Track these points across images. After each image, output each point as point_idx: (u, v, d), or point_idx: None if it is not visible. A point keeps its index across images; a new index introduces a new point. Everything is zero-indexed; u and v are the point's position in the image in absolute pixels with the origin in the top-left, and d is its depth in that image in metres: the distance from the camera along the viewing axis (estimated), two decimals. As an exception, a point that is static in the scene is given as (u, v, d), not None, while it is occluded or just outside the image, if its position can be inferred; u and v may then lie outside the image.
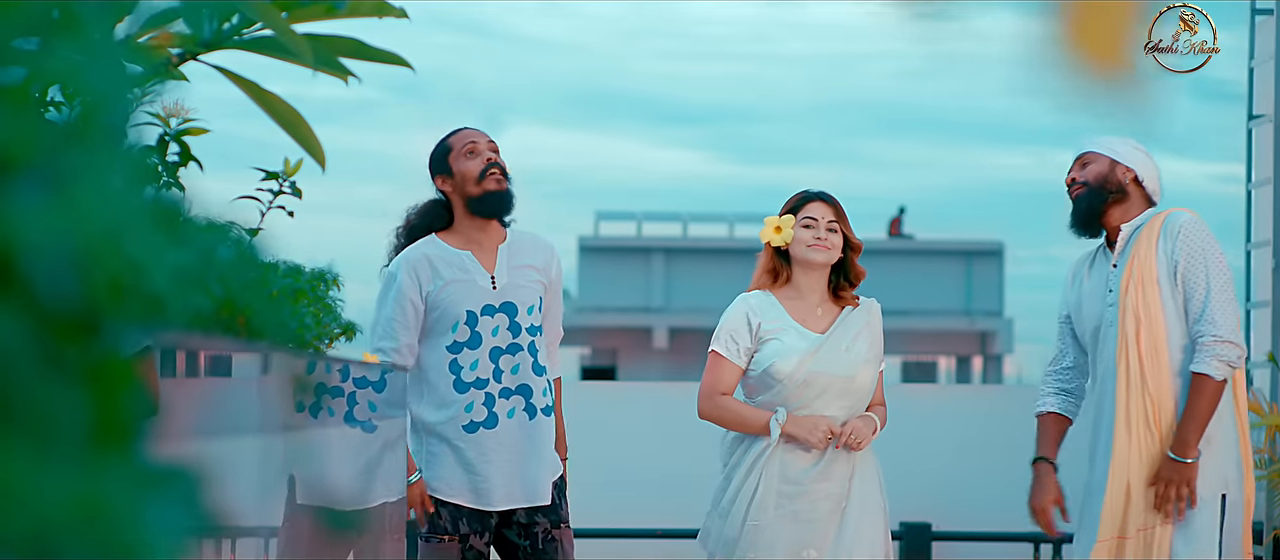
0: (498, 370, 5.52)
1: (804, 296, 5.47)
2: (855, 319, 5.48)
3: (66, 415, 0.97)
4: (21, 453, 0.95)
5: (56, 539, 0.94)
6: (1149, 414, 5.32)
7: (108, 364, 1.00)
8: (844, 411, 5.38)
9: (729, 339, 5.45)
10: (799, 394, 5.36)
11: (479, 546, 5.60)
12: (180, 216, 1.24)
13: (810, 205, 5.46)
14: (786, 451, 5.34)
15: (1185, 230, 5.33)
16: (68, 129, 1.09)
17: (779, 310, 5.45)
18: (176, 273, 1.11)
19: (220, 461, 2.56)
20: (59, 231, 1.00)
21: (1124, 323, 5.34)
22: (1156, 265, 5.35)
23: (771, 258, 5.50)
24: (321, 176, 2.38)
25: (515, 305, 5.55)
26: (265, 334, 2.95)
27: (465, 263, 5.57)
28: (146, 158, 2.76)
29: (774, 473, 5.33)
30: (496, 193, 5.56)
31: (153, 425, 1.04)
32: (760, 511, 5.32)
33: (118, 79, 1.17)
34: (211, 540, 2.52)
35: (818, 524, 5.32)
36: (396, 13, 2.29)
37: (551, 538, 5.61)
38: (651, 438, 10.02)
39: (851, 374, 5.39)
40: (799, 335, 5.40)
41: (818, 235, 5.42)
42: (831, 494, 5.33)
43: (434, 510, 5.57)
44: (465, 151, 5.57)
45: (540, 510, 5.61)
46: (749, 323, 5.44)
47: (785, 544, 5.31)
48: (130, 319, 1.02)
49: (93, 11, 1.20)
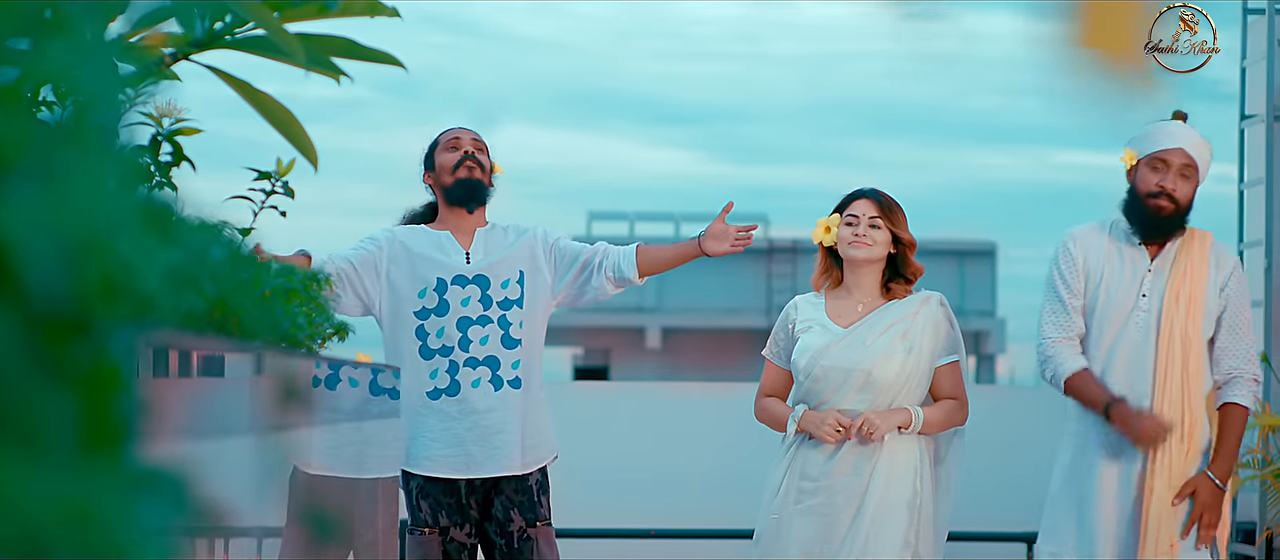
0: (465, 339, 5.60)
1: (851, 294, 5.49)
2: (894, 311, 5.47)
3: (56, 416, 0.97)
4: (11, 455, 0.94)
5: (46, 541, 0.94)
6: (1185, 430, 5.38)
7: (98, 365, 1.00)
8: (865, 405, 5.37)
9: (772, 341, 5.58)
10: (816, 389, 5.39)
11: (460, 538, 5.63)
12: (172, 216, 1.24)
13: (854, 203, 5.49)
14: (806, 447, 5.40)
15: (1236, 274, 5.49)
16: (60, 129, 1.09)
17: (818, 308, 5.49)
18: (169, 272, 1.10)
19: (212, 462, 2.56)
20: (50, 231, 0.99)
21: (1169, 340, 5.40)
22: (1207, 293, 5.45)
23: (825, 257, 5.55)
24: (313, 176, 2.38)
25: (488, 278, 5.65)
26: (257, 334, 2.94)
27: (442, 240, 5.71)
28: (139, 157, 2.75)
29: (796, 469, 5.40)
30: (466, 180, 5.70)
31: (144, 426, 1.04)
32: (783, 505, 5.40)
33: (110, 79, 1.17)
34: (204, 540, 2.51)
35: (833, 518, 5.34)
36: (389, 12, 2.29)
37: (526, 537, 5.63)
38: (644, 438, 10.02)
39: (867, 367, 5.37)
40: (822, 330, 5.43)
41: (857, 232, 5.43)
42: (848, 489, 5.33)
43: (415, 502, 5.64)
44: (448, 145, 5.75)
45: (517, 506, 5.63)
46: (788, 322, 5.53)
47: (800, 538, 5.36)
48: (122, 319, 1.02)
49: (85, 11, 1.20)
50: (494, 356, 5.60)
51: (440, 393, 5.59)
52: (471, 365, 5.59)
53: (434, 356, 5.60)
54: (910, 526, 5.36)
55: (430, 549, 5.62)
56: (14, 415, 0.96)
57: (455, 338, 5.59)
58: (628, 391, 12.64)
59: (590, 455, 9.44)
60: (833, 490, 5.34)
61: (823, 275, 5.54)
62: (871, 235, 5.43)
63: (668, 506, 9.47)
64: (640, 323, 41.47)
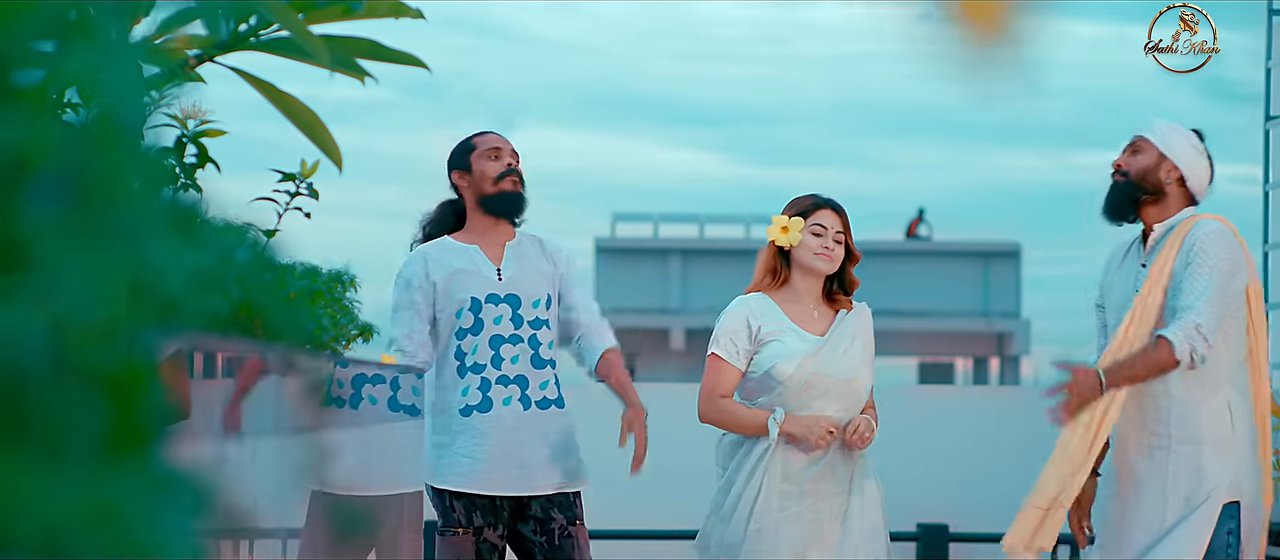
0: (497, 357, 5.63)
1: (801, 299, 5.49)
2: (850, 322, 5.50)
3: (82, 418, 0.97)
4: (37, 456, 0.95)
5: (71, 542, 0.94)
6: (1099, 408, 5.31)
7: (125, 367, 1.00)
8: (842, 413, 5.39)
9: (729, 341, 5.46)
10: (800, 396, 5.37)
11: (493, 539, 5.65)
12: (197, 218, 1.24)
13: (821, 212, 5.47)
14: (786, 452, 5.35)
15: (1201, 237, 5.28)
16: (85, 131, 1.09)
17: (778, 313, 5.46)
18: (194, 275, 1.11)
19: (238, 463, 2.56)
20: (77, 234, 1.00)
21: (1125, 322, 5.34)
22: (1172, 274, 5.32)
23: (774, 257, 5.51)
24: (337, 178, 2.38)
25: (519, 297, 5.66)
26: (282, 336, 2.95)
27: (473, 254, 5.69)
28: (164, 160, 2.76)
29: (776, 474, 5.35)
30: (512, 194, 5.71)
31: (176, 429, 1.04)
32: (763, 514, 5.34)
33: (135, 81, 1.17)
34: (229, 541, 2.52)
35: (820, 524, 5.34)
36: (413, 14, 2.29)
37: (568, 534, 5.67)
38: (669, 439, 10.01)
39: (851, 376, 5.41)
40: (799, 338, 5.42)
41: (825, 244, 5.44)
42: (833, 493, 5.35)
43: (449, 504, 5.63)
44: (489, 153, 5.72)
45: (556, 505, 5.66)
46: (749, 325, 5.45)
47: (789, 545, 5.33)
48: (148, 322, 1.02)
49: (110, 14, 1.20)
50: (523, 376, 5.65)
51: (472, 409, 5.61)
52: (503, 383, 5.63)
53: (468, 374, 5.62)
54: (887, 527, 5.43)
55: (464, 550, 5.62)
56: (40, 417, 0.96)
57: (488, 356, 5.63)
58: (652, 392, 12.62)
59: (615, 457, 9.43)
60: (818, 494, 5.34)
61: (768, 274, 5.51)
62: (836, 250, 5.45)
63: (692, 507, 9.46)
64: (665, 324, 41.49)
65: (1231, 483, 5.28)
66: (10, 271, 0.98)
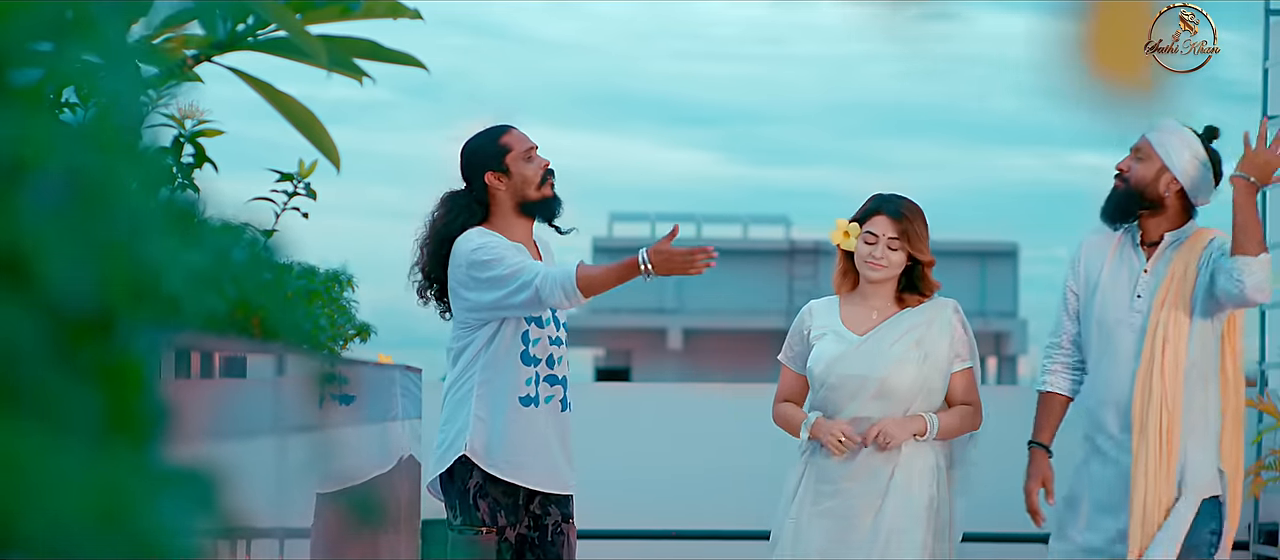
0: (552, 357, 5.67)
1: (866, 300, 5.48)
2: (909, 319, 5.45)
3: (81, 415, 0.97)
4: (37, 452, 0.95)
5: (73, 535, 0.94)
6: (1164, 429, 5.31)
7: (122, 366, 1.00)
8: (880, 412, 5.37)
9: (787, 346, 5.59)
10: (831, 397, 5.40)
11: (511, 538, 5.67)
12: (195, 218, 1.24)
13: (875, 219, 5.42)
14: (821, 453, 5.42)
15: (1222, 241, 5.32)
16: (83, 131, 1.09)
17: (832, 314, 5.48)
18: (192, 274, 1.11)
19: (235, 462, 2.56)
20: (74, 233, 1.00)
21: (1152, 340, 5.32)
22: (1194, 293, 5.31)
23: (844, 259, 5.51)
24: (335, 177, 2.38)
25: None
26: (280, 335, 2.95)
27: (524, 253, 5.65)
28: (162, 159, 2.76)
29: (813, 473, 5.43)
30: (554, 198, 5.71)
31: (167, 426, 1.04)
32: (800, 508, 5.43)
33: (133, 81, 1.18)
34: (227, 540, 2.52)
35: (851, 521, 5.36)
36: (411, 14, 2.29)
37: (560, 530, 5.70)
38: (665, 439, 10.03)
39: (882, 375, 5.37)
40: (836, 338, 5.42)
41: (875, 253, 5.39)
42: (864, 493, 5.35)
43: (473, 501, 5.61)
44: (525, 155, 5.69)
45: (555, 502, 5.68)
46: (802, 327, 5.54)
47: (818, 541, 5.39)
48: (145, 320, 1.03)
49: (108, 13, 1.20)
50: (566, 377, 5.73)
51: (529, 401, 5.61)
52: (551, 382, 5.67)
53: (531, 365, 5.62)
54: (928, 529, 5.36)
55: (488, 550, 5.62)
56: (40, 412, 0.96)
57: (546, 353, 5.66)
58: (649, 393, 12.65)
59: (612, 456, 9.45)
60: (850, 494, 5.36)
61: (842, 278, 5.51)
62: (888, 257, 5.39)
63: (689, 507, 9.47)
64: (662, 324, 41.48)
65: (1210, 478, 5.33)
66: (8, 271, 0.98)
